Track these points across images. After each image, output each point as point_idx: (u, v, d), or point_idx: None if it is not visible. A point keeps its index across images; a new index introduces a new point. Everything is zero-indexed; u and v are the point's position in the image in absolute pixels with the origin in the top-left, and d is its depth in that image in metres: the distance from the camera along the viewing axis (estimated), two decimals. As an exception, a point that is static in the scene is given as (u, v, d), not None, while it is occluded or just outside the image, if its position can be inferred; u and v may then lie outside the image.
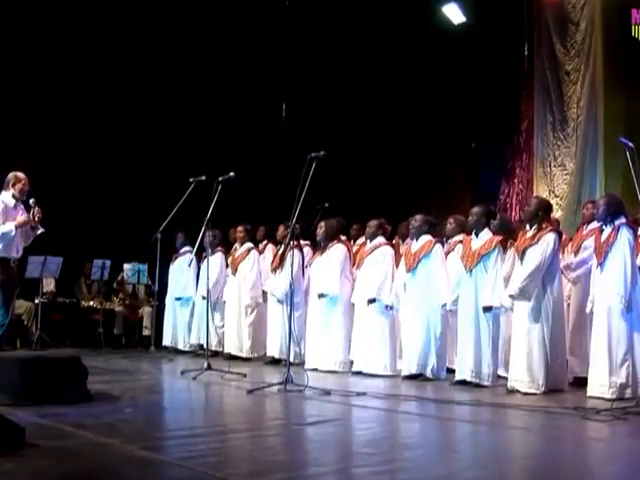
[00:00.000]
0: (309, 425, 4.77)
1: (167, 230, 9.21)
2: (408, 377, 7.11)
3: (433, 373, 7.06)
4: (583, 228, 7.23)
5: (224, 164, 7.74)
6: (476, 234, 6.86)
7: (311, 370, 7.31)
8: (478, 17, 11.75)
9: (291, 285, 6.62)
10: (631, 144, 5.61)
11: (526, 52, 11.52)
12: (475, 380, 6.52)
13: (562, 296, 6.53)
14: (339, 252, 8.05)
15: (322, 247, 8.17)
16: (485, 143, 12.34)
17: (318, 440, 4.29)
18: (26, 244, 7.13)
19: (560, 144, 11.21)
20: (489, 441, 4.49)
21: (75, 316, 10.56)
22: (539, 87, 11.56)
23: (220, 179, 7.29)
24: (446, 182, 12.33)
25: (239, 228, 9.31)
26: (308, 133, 10.83)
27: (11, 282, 7.01)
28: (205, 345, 7.82)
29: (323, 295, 7.87)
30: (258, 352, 8.99)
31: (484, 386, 6.49)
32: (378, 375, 7.32)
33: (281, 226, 8.63)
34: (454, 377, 6.82)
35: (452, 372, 7.03)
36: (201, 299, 9.06)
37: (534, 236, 6.32)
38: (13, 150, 9.12)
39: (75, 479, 3.27)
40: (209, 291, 7.76)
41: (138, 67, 10.93)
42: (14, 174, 7.02)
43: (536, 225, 6.37)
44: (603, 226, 6.15)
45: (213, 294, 9.01)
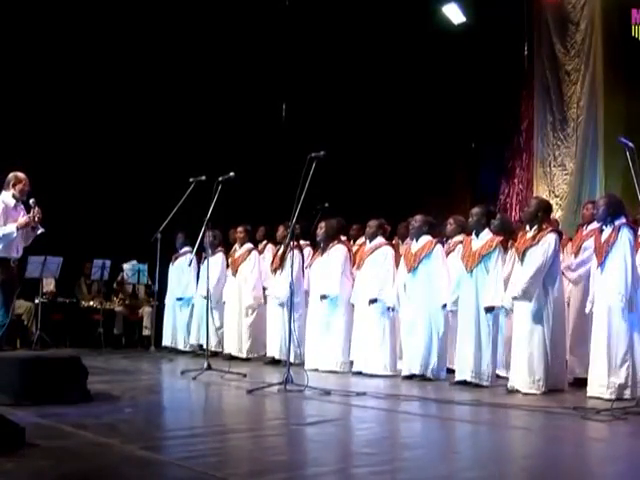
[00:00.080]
0: (309, 425, 4.77)
1: (167, 230, 9.21)
2: (408, 377, 7.11)
3: (433, 373, 7.07)
4: (583, 229, 7.23)
5: (224, 164, 7.74)
6: (476, 234, 6.86)
7: (311, 370, 7.31)
8: (478, 17, 11.76)
9: (291, 286, 6.61)
10: (631, 144, 5.61)
11: (526, 52, 11.54)
12: (475, 380, 6.52)
13: (563, 296, 6.53)
14: (339, 253, 8.04)
15: (322, 247, 8.17)
16: (485, 143, 12.34)
17: (318, 440, 4.29)
18: (26, 244, 7.12)
19: (560, 144, 11.22)
20: (489, 441, 4.49)
21: (75, 316, 10.56)
22: (539, 87, 11.57)
23: (220, 179, 7.30)
24: (446, 182, 12.33)
25: (239, 229, 9.31)
26: (308, 133, 10.83)
27: (11, 282, 7.00)
28: (205, 345, 7.82)
29: (325, 297, 7.87)
30: (258, 352, 8.99)
31: (484, 386, 6.49)
32: (378, 375, 7.32)
33: (281, 226, 8.62)
34: (454, 377, 6.82)
35: (452, 372, 7.04)
36: (201, 299, 9.05)
37: (534, 237, 6.32)
38: (13, 150, 9.12)
39: (75, 479, 3.27)
40: (209, 291, 7.75)
41: (138, 67, 10.93)
42: (14, 174, 7.01)
43: (536, 226, 6.37)
44: (603, 226, 6.15)
45: (215, 294, 9.05)
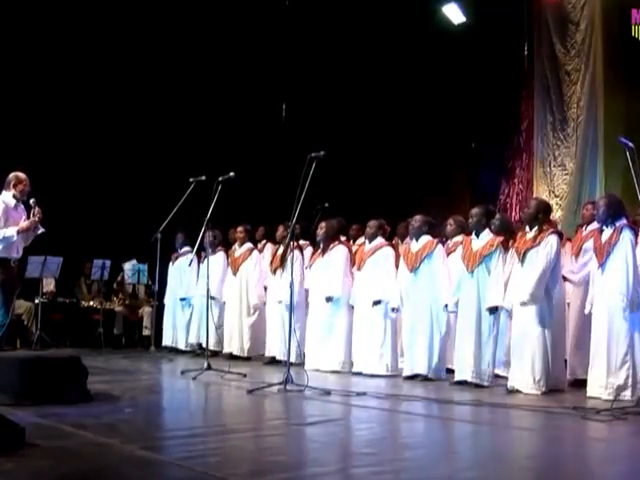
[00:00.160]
0: (309, 425, 4.77)
1: (167, 230, 9.21)
2: (410, 377, 7.11)
3: (434, 373, 7.07)
4: (582, 229, 7.20)
5: (224, 164, 7.74)
6: (477, 235, 6.85)
7: (312, 371, 7.31)
8: (478, 17, 11.75)
9: (291, 285, 6.61)
10: (631, 144, 5.62)
11: (526, 52, 11.52)
12: (476, 380, 6.52)
13: (563, 297, 6.53)
14: (341, 253, 8.04)
15: (323, 248, 8.16)
16: (485, 143, 12.33)
17: (318, 440, 4.29)
18: (26, 244, 7.12)
19: (560, 144, 11.21)
20: (489, 441, 4.49)
21: (75, 316, 10.56)
22: (539, 87, 11.56)
23: (220, 179, 7.30)
24: (446, 182, 12.33)
25: (239, 228, 9.30)
26: (308, 133, 10.83)
27: (11, 282, 6.99)
28: (205, 345, 7.81)
29: (331, 298, 7.86)
30: (258, 352, 8.99)
31: (484, 386, 6.49)
32: (379, 375, 7.32)
33: (281, 226, 8.62)
34: (453, 377, 6.82)
35: (451, 372, 7.04)
36: (201, 298, 9.02)
37: (535, 238, 6.31)
38: (13, 150, 9.12)
39: (75, 479, 3.27)
40: (209, 290, 7.74)
41: (138, 68, 10.93)
42: (15, 174, 6.99)
43: (536, 227, 6.36)
44: (603, 227, 6.15)
45: (218, 292, 9.07)
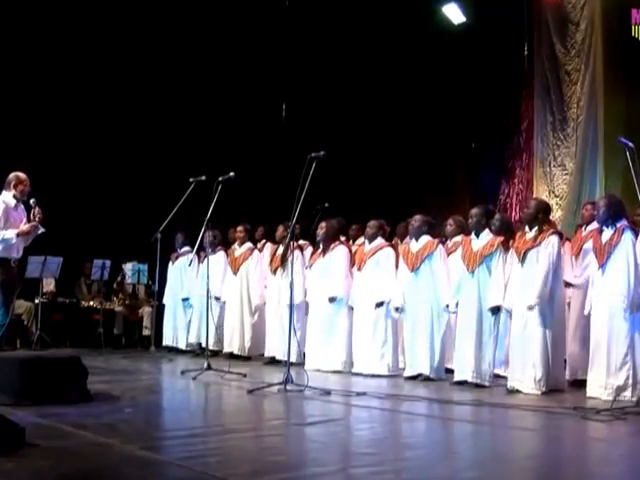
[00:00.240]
0: (309, 425, 4.77)
1: (167, 230, 9.21)
2: (411, 377, 7.10)
3: (436, 373, 7.07)
4: (582, 230, 7.19)
5: (224, 164, 7.74)
6: (476, 235, 6.85)
7: (313, 371, 7.31)
8: (478, 17, 11.75)
9: (291, 285, 6.60)
10: (631, 144, 5.61)
11: (526, 52, 11.52)
12: (476, 380, 6.52)
13: (563, 297, 6.52)
14: (342, 254, 8.05)
15: (323, 248, 8.16)
16: (485, 143, 12.33)
17: (318, 440, 4.29)
18: (26, 244, 7.11)
19: (560, 144, 11.20)
20: (490, 441, 4.49)
21: (75, 316, 10.56)
22: (539, 87, 11.55)
23: (220, 179, 7.30)
24: (446, 182, 12.32)
25: (239, 228, 9.30)
26: (308, 133, 10.83)
27: (11, 282, 6.99)
28: (205, 345, 7.81)
29: (334, 299, 7.86)
30: (259, 351, 8.99)
31: (484, 386, 6.49)
32: (380, 375, 7.31)
33: (280, 226, 8.61)
34: (452, 377, 6.82)
35: (450, 372, 7.04)
36: (202, 298, 9.01)
37: (536, 238, 6.31)
38: (13, 150, 9.12)
39: (75, 479, 3.27)
40: (209, 290, 7.72)
41: (138, 68, 10.93)
42: (15, 175, 6.98)
43: (536, 227, 6.36)
44: (603, 227, 6.14)
45: (219, 293, 9.09)
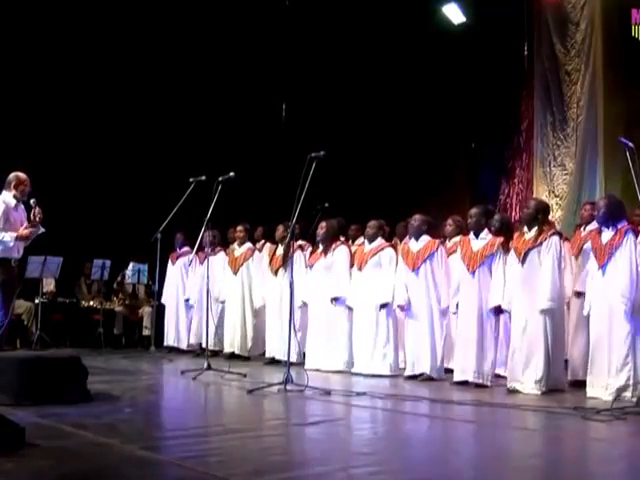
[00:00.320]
0: (309, 425, 4.77)
1: (167, 230, 9.21)
2: (412, 377, 7.11)
3: (437, 372, 7.08)
4: (581, 230, 7.19)
5: (224, 164, 7.74)
6: (475, 235, 6.85)
7: (313, 370, 7.31)
8: (478, 17, 11.75)
9: (291, 285, 6.61)
10: (631, 144, 5.62)
11: (526, 52, 11.52)
12: (478, 380, 6.52)
13: (563, 297, 6.52)
14: (343, 254, 8.06)
15: (324, 248, 8.15)
16: (485, 143, 12.33)
17: (318, 440, 4.29)
18: (26, 244, 7.11)
19: (560, 144, 11.20)
20: (490, 441, 4.49)
21: (75, 316, 10.57)
22: (539, 87, 11.55)
23: (220, 179, 7.30)
24: (446, 182, 12.32)
25: (238, 227, 9.29)
26: (308, 133, 10.83)
27: (11, 282, 6.98)
28: (205, 345, 7.80)
29: (337, 299, 7.86)
30: (259, 352, 9.00)
31: (485, 386, 6.49)
32: (380, 375, 7.31)
33: (280, 226, 8.60)
34: (451, 376, 6.82)
35: (449, 372, 7.04)
36: (202, 298, 9.01)
37: (536, 238, 6.30)
38: (13, 150, 9.11)
39: (75, 479, 3.27)
40: (209, 290, 7.72)
41: (138, 68, 10.94)
42: (16, 175, 6.97)
43: (536, 227, 6.35)
44: (603, 228, 6.13)
45: (221, 293, 9.09)
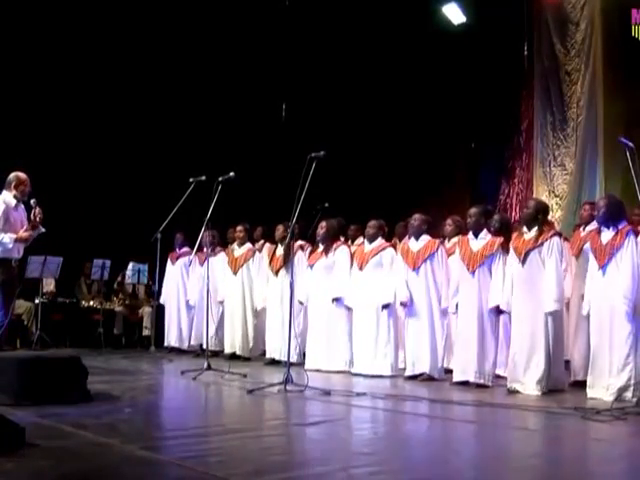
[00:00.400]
0: (309, 425, 4.77)
1: (167, 230, 9.20)
2: (412, 377, 7.10)
3: (438, 372, 7.08)
4: (581, 230, 7.18)
5: (224, 164, 7.74)
6: (475, 235, 6.85)
7: (314, 371, 7.31)
8: (478, 17, 11.75)
9: (291, 285, 6.60)
10: (631, 144, 5.62)
11: (526, 52, 11.51)
12: (479, 380, 6.52)
13: (563, 297, 6.51)
14: (344, 254, 8.06)
15: (324, 248, 8.15)
16: (485, 143, 12.33)
17: (318, 440, 4.29)
18: (26, 244, 7.11)
19: (560, 144, 11.20)
20: (490, 441, 4.49)
21: (75, 316, 10.56)
22: (539, 87, 11.55)
23: (220, 179, 7.30)
24: (446, 182, 12.32)
25: (238, 227, 9.28)
26: (308, 133, 10.83)
27: (11, 282, 6.98)
28: (205, 345, 7.80)
29: (338, 299, 7.86)
30: (259, 352, 9.00)
31: (485, 386, 6.49)
32: (380, 375, 7.31)
33: (280, 226, 8.60)
34: (451, 377, 6.82)
35: (449, 372, 7.04)
36: (202, 299, 9.00)
37: (537, 238, 6.30)
38: (13, 150, 9.11)
39: (75, 479, 3.27)
40: (209, 291, 7.72)
41: (138, 68, 10.93)
42: (16, 175, 6.96)
43: (536, 227, 6.35)
44: (604, 228, 6.13)
45: (222, 293, 9.08)
